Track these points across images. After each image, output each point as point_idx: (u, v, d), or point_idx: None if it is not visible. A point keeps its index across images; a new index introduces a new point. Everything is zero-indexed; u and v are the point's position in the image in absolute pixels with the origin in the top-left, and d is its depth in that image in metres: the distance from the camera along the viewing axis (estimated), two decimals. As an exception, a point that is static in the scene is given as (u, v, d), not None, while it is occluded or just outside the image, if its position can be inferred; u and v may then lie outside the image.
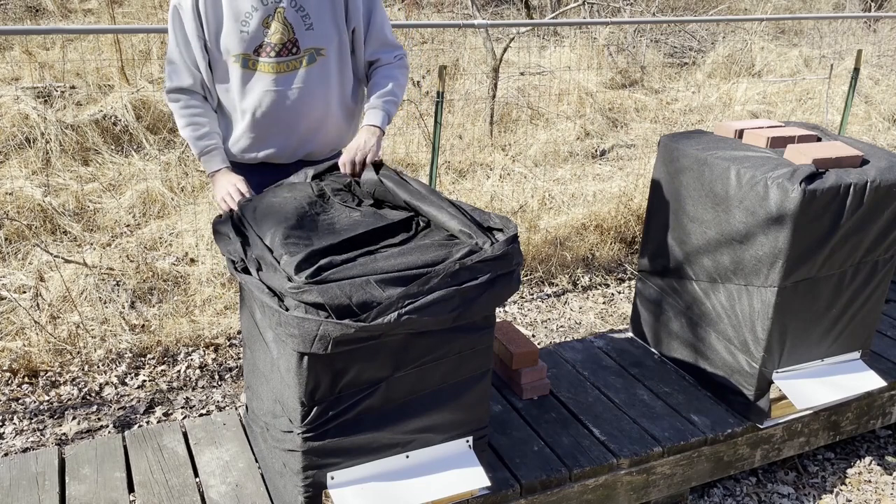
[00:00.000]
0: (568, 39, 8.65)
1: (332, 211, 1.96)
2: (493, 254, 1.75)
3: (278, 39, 2.09)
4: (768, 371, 2.49)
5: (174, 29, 2.10)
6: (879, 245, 2.49)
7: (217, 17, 2.07)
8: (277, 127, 2.20)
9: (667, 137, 2.71)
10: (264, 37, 2.09)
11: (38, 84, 5.76)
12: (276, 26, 2.08)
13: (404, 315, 1.65)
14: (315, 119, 2.22)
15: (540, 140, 5.97)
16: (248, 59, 2.11)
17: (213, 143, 2.17)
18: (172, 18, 2.10)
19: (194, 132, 2.15)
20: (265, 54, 2.10)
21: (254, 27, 2.08)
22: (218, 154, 2.18)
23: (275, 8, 2.08)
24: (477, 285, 1.72)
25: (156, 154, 5.08)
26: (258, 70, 2.11)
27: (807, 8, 11.05)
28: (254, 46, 2.09)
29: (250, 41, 2.09)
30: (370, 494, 1.89)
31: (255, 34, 2.08)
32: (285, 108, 2.17)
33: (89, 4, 8.48)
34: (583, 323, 3.85)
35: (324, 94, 2.20)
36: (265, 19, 2.08)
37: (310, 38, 2.13)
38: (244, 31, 2.08)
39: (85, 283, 3.59)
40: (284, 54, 2.11)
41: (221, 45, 2.10)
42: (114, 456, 2.26)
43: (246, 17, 2.07)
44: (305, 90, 2.16)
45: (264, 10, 2.07)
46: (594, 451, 2.35)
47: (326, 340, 1.63)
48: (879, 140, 6.62)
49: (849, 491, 2.75)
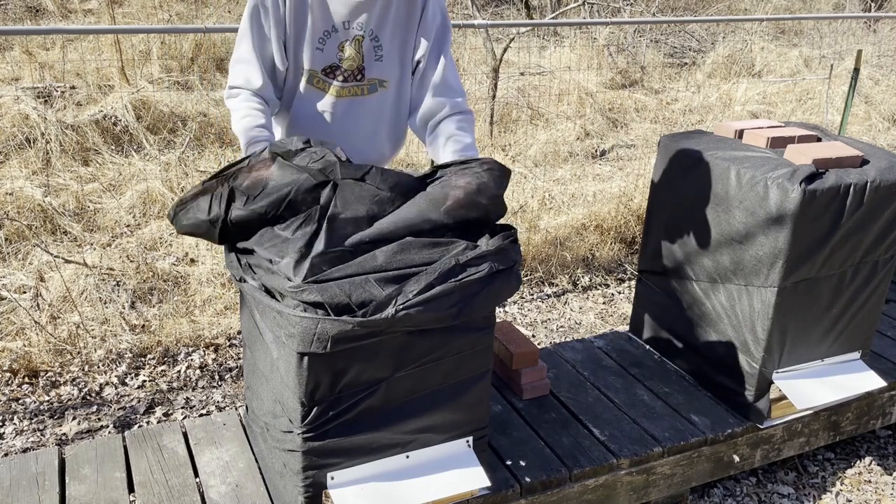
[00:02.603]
0: (568, 39, 8.66)
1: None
2: (489, 248, 1.75)
3: (349, 65, 2.07)
4: (768, 371, 2.49)
5: (252, 28, 2.00)
6: (879, 245, 2.49)
7: (298, 28, 2.02)
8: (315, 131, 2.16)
9: (667, 137, 2.71)
10: (337, 60, 2.06)
11: (38, 84, 5.76)
12: (351, 52, 2.05)
13: (402, 311, 1.64)
14: (357, 146, 2.19)
15: (540, 140, 5.97)
16: (315, 77, 2.07)
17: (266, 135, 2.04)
18: (252, 17, 2.00)
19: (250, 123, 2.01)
20: (333, 77, 2.07)
21: (329, 48, 2.04)
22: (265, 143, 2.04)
23: (354, 35, 2.04)
24: (476, 281, 1.72)
25: (156, 154, 5.08)
26: (321, 89, 2.09)
27: (807, 8, 11.06)
28: (323, 66, 2.06)
29: (322, 60, 2.05)
30: (370, 494, 1.89)
31: (328, 55, 2.05)
32: (335, 130, 2.15)
33: (89, 4, 8.48)
34: (583, 323, 3.85)
35: (374, 123, 2.18)
36: (342, 43, 2.04)
37: (377, 69, 2.10)
38: (319, 48, 2.04)
39: (85, 284, 3.59)
40: (350, 80, 2.09)
41: (295, 55, 2.05)
42: (114, 456, 2.26)
43: (324, 35, 2.03)
44: (359, 117, 2.15)
45: (344, 33, 2.04)
46: (594, 452, 2.35)
47: (325, 339, 1.63)
48: (879, 140, 6.62)
49: (849, 491, 2.75)
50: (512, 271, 1.80)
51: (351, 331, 1.63)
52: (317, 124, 2.13)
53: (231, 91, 2.06)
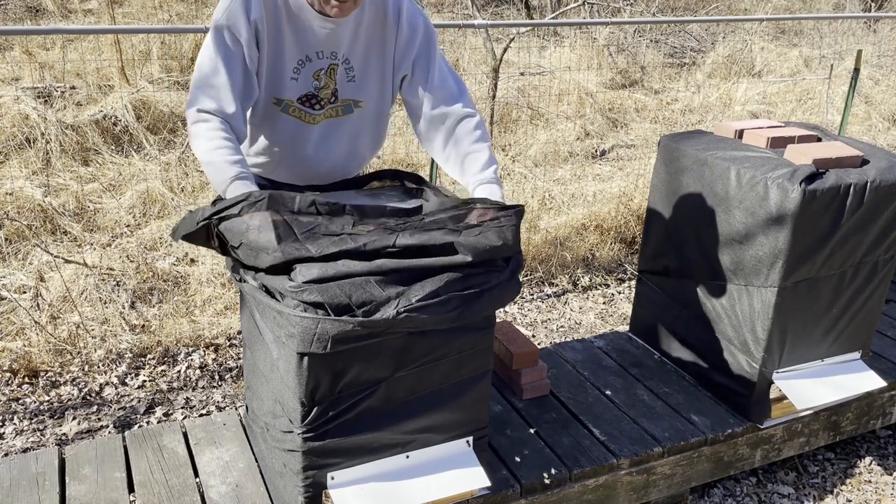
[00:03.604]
0: (568, 39, 8.66)
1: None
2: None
3: (324, 94, 2.01)
4: (768, 371, 2.49)
5: (220, 50, 1.85)
6: (879, 245, 2.49)
7: (273, 57, 1.93)
8: (298, 164, 2.12)
9: (667, 137, 2.71)
10: (313, 89, 2.00)
11: (38, 84, 5.76)
12: (326, 81, 2.00)
13: (403, 313, 1.65)
14: (337, 163, 2.15)
15: (540, 140, 5.97)
16: (291, 107, 2.00)
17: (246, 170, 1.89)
18: (218, 39, 1.84)
19: (227, 156, 1.84)
20: (311, 106, 2.01)
21: (304, 78, 1.97)
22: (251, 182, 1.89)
23: (329, 64, 1.98)
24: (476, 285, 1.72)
25: (156, 154, 5.08)
26: (298, 118, 2.03)
27: (807, 8, 11.06)
28: (299, 96, 1.99)
29: (297, 90, 1.98)
30: (370, 494, 1.89)
31: (303, 84, 1.98)
32: (311, 154, 2.09)
33: (89, 4, 8.48)
34: (583, 323, 3.85)
35: (352, 141, 2.13)
36: (317, 72, 1.98)
37: (350, 90, 2.04)
38: (294, 78, 1.97)
39: (85, 284, 3.59)
40: (325, 105, 2.03)
41: (270, 85, 1.97)
42: (114, 456, 2.26)
43: (299, 65, 1.96)
44: (337, 139, 2.09)
45: (318, 63, 1.97)
46: (594, 452, 2.35)
47: (325, 339, 1.63)
48: (879, 140, 6.62)
49: (849, 491, 2.75)
50: (513, 277, 1.80)
51: (351, 331, 1.63)
52: (294, 148, 2.08)
53: (199, 115, 1.86)
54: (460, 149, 2.05)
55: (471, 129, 2.05)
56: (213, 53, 1.86)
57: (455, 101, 2.07)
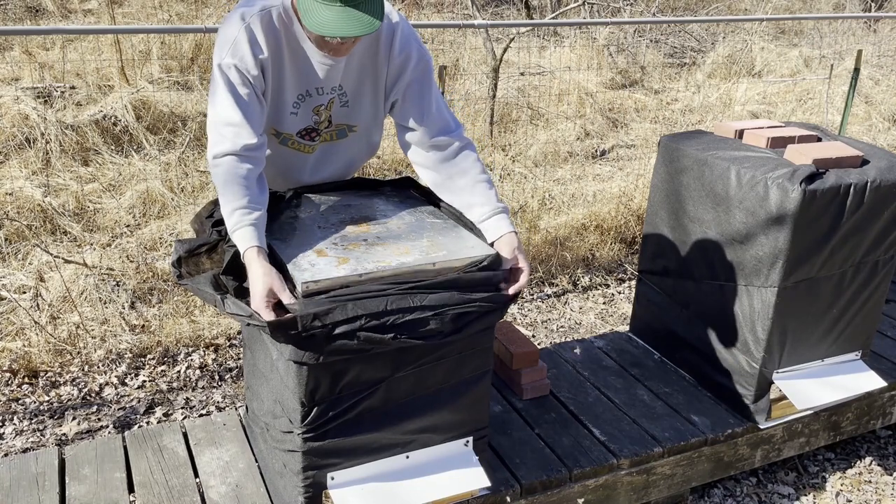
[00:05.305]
0: (568, 39, 8.66)
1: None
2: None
3: (323, 127, 2.03)
4: (768, 371, 2.49)
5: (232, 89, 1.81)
6: (879, 245, 2.49)
7: (275, 93, 1.92)
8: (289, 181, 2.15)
9: (667, 138, 2.71)
10: (313, 123, 2.01)
11: (38, 84, 5.76)
12: (325, 114, 2.01)
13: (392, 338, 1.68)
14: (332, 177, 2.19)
15: (540, 140, 5.97)
16: (290, 140, 2.02)
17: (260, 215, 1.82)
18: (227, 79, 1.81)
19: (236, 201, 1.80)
20: (308, 138, 2.03)
21: (304, 112, 1.98)
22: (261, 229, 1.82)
23: (329, 99, 1.99)
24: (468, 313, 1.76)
25: (156, 154, 5.08)
26: (296, 150, 2.05)
27: (807, 8, 11.06)
28: (298, 129, 2.01)
29: (297, 124, 1.99)
30: (370, 495, 1.89)
31: (303, 119, 1.99)
32: (308, 175, 2.14)
33: (89, 4, 8.48)
34: (583, 323, 3.85)
35: (346, 162, 2.17)
36: (317, 107, 1.99)
37: (343, 115, 2.04)
38: (294, 112, 1.97)
39: (85, 284, 3.59)
40: (322, 132, 2.05)
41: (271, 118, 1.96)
42: (114, 456, 2.26)
43: (299, 100, 1.96)
44: (331, 162, 2.13)
45: (319, 98, 1.97)
46: (594, 452, 2.35)
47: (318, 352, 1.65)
48: (879, 140, 6.62)
49: (849, 491, 2.75)
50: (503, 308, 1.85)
51: (344, 345, 1.65)
52: (291, 174, 2.12)
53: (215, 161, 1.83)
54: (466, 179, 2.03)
55: (474, 160, 2.04)
56: (225, 92, 1.82)
57: (452, 131, 2.04)
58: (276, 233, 1.88)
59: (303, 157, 2.08)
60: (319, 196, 2.12)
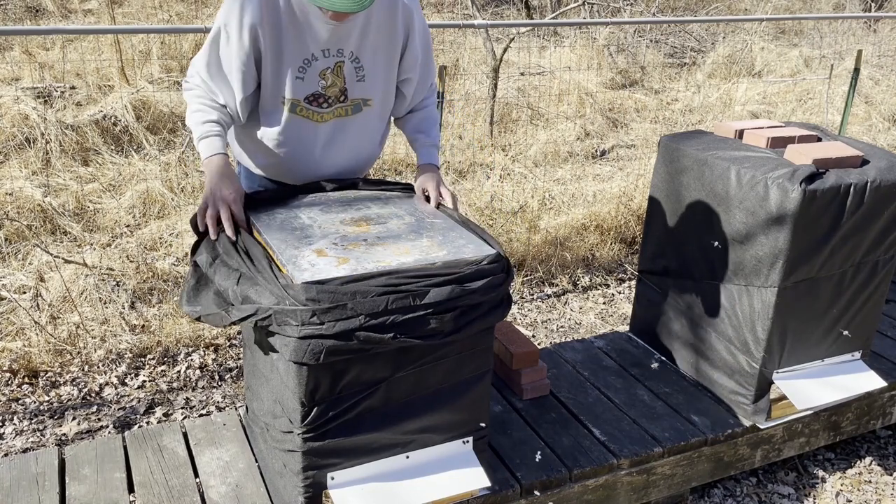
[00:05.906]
0: (568, 39, 8.66)
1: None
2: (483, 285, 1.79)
3: (332, 92, 2.04)
4: (768, 371, 2.49)
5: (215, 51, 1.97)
6: (879, 245, 2.49)
7: (275, 57, 1.97)
8: (306, 164, 2.15)
9: (667, 138, 2.71)
10: (320, 88, 2.03)
11: (38, 84, 5.76)
12: (333, 79, 2.03)
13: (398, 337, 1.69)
14: (344, 162, 2.19)
15: (540, 140, 5.97)
16: (298, 106, 2.04)
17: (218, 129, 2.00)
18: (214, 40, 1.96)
19: (202, 116, 1.99)
20: (318, 105, 2.05)
21: (310, 77, 2.01)
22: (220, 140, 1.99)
23: (335, 62, 2.01)
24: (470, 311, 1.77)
25: (156, 154, 5.08)
26: (305, 117, 2.06)
27: (807, 8, 11.06)
28: (305, 95, 2.03)
29: (303, 89, 2.02)
30: (370, 495, 1.89)
31: (309, 84, 2.01)
32: (319, 154, 2.14)
33: (89, 4, 8.48)
34: (583, 323, 3.85)
35: (359, 140, 2.17)
36: (323, 71, 2.01)
37: (359, 89, 2.08)
38: (300, 77, 2.00)
39: (85, 284, 3.58)
40: (334, 103, 2.07)
41: (274, 85, 2.01)
42: (114, 456, 2.26)
43: (304, 64, 1.99)
44: (344, 139, 2.13)
45: (325, 61, 2.00)
46: (594, 452, 2.35)
47: (318, 351, 1.65)
48: (879, 140, 6.62)
49: (849, 491, 2.75)
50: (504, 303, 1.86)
51: (343, 346, 1.64)
52: (302, 149, 2.12)
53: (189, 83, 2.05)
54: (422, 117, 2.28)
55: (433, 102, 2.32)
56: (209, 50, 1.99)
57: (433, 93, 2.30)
58: (276, 232, 1.88)
59: (313, 127, 2.08)
60: (320, 196, 2.12)
